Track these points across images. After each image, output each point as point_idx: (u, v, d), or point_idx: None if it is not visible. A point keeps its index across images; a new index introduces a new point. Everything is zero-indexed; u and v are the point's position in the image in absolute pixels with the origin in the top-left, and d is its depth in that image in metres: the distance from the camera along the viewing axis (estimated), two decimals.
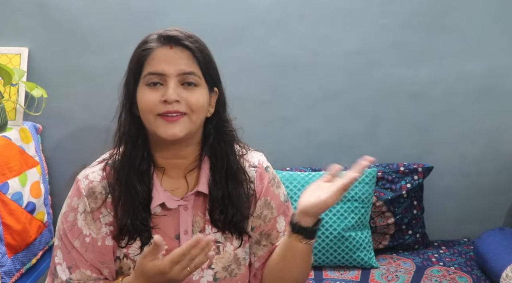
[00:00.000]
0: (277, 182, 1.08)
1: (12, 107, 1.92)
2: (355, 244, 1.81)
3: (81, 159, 2.07)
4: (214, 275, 0.98)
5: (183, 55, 0.92)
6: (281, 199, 1.07)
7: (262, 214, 1.04)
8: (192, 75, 0.92)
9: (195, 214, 0.99)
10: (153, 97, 0.91)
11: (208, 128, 0.99)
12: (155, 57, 0.91)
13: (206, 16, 1.95)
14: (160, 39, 0.92)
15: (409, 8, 1.96)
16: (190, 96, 0.91)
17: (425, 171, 2.00)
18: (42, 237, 1.92)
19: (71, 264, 0.95)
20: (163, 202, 0.96)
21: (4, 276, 1.66)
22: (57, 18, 1.96)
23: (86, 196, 0.95)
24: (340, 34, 1.99)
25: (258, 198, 1.03)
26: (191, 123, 0.92)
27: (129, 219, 0.93)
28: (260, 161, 1.06)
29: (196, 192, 0.98)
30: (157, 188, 0.96)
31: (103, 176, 0.97)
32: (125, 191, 0.94)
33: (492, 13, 1.97)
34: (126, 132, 0.97)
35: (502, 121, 2.07)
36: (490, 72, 2.01)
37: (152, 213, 0.96)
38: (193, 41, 0.93)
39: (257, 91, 2.04)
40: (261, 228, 1.04)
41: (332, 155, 2.09)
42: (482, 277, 1.75)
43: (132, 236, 0.94)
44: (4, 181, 1.68)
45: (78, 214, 0.95)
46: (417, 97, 2.04)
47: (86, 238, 0.95)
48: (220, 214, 0.98)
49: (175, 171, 0.99)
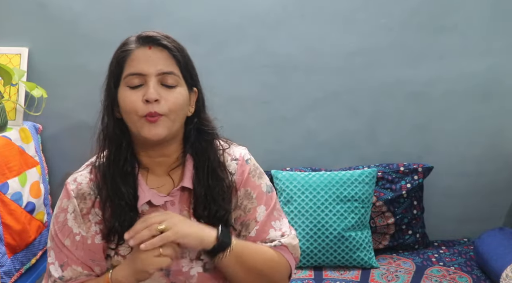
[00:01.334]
0: (258, 173, 1.08)
1: (12, 107, 1.92)
2: (355, 244, 1.81)
3: (81, 159, 2.08)
4: (204, 266, 0.99)
5: (161, 55, 0.93)
6: (263, 190, 1.06)
7: (242, 204, 1.05)
8: (171, 74, 0.93)
9: (182, 208, 1.01)
10: (135, 98, 0.92)
11: (189, 127, 1.01)
12: (134, 58, 0.93)
13: (206, 16, 1.95)
14: (139, 40, 0.95)
15: (409, 8, 1.96)
16: (169, 95, 0.93)
17: (425, 171, 2.00)
18: (42, 237, 1.92)
19: (63, 262, 0.97)
20: (149, 199, 0.98)
21: (3, 276, 1.66)
22: (57, 18, 1.96)
23: (75, 197, 0.98)
24: (340, 34, 1.99)
25: (238, 190, 1.04)
26: (171, 122, 0.94)
27: (117, 222, 0.95)
28: (241, 154, 1.07)
29: (181, 188, 1.00)
30: (142, 187, 0.98)
31: (90, 178, 0.99)
32: (111, 193, 0.96)
33: (492, 13, 1.97)
34: (109, 134, 0.98)
35: (502, 121, 2.07)
36: (490, 72, 2.01)
37: (139, 212, 0.98)
38: (170, 41, 0.95)
39: (257, 91, 2.04)
40: (241, 218, 1.04)
41: (332, 155, 2.09)
42: (482, 277, 1.75)
43: (121, 237, 0.95)
44: (4, 181, 1.68)
45: (68, 214, 0.97)
46: (417, 97, 2.04)
47: (76, 236, 0.97)
48: (204, 210, 1.00)
49: (160, 169, 1.01)
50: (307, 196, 1.85)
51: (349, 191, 1.86)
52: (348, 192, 1.86)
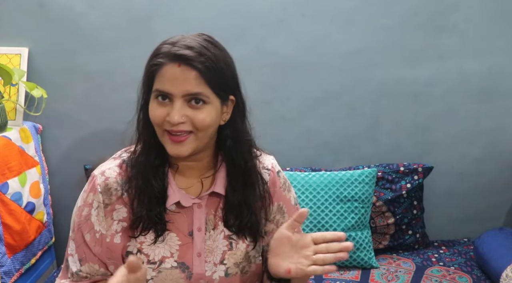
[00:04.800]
0: (287, 186, 1.10)
1: (12, 107, 1.92)
2: (355, 244, 1.81)
3: (81, 159, 2.09)
4: (226, 271, 1.00)
5: (190, 75, 0.88)
6: (292, 203, 1.09)
7: (275, 218, 1.07)
8: (198, 95, 0.90)
9: (208, 212, 1.01)
10: (159, 113, 0.91)
11: (224, 133, 0.99)
12: (163, 75, 0.90)
13: (206, 16, 1.95)
14: (170, 55, 0.90)
15: (409, 8, 1.96)
16: (196, 115, 0.90)
17: (425, 171, 2.00)
18: (42, 237, 1.92)
19: (82, 256, 0.98)
20: (179, 200, 0.98)
21: (3, 276, 1.66)
22: (57, 18, 1.96)
23: (101, 192, 0.96)
24: (340, 34, 1.99)
25: (272, 202, 1.05)
26: (198, 141, 0.93)
27: (145, 210, 0.95)
28: (273, 164, 1.09)
29: (210, 192, 1.00)
30: (172, 186, 0.98)
31: (119, 173, 0.98)
32: (141, 186, 0.96)
33: (492, 13, 1.96)
34: (142, 131, 0.98)
35: (502, 121, 2.07)
36: (490, 72, 2.01)
37: (167, 210, 0.98)
38: (203, 61, 0.89)
39: (257, 91, 2.04)
40: (273, 232, 1.04)
41: (332, 155, 2.09)
42: (482, 277, 1.75)
43: (147, 227, 0.95)
44: (4, 181, 1.68)
45: (92, 209, 0.97)
46: (417, 97, 2.04)
47: (96, 234, 0.97)
48: (236, 219, 1.00)
49: (189, 172, 1.01)
50: (307, 196, 1.86)
51: (349, 191, 1.86)
52: (348, 192, 1.86)
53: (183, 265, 0.98)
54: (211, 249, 1.00)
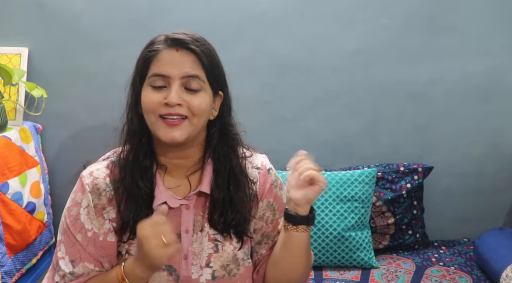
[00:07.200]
0: (279, 184, 1.09)
1: (12, 107, 1.93)
2: (355, 244, 1.81)
3: (81, 159, 2.09)
4: (213, 274, 0.99)
5: (188, 58, 0.92)
6: (284, 201, 1.07)
7: (264, 215, 1.05)
8: (196, 78, 0.92)
9: (196, 213, 1.00)
10: (155, 98, 0.92)
11: (211, 131, 1.00)
12: (160, 59, 0.92)
13: (206, 16, 1.95)
14: (167, 41, 0.93)
15: (409, 8, 1.96)
16: (192, 99, 0.92)
17: (425, 171, 2.00)
18: (42, 237, 1.93)
19: (75, 257, 0.96)
20: (165, 201, 0.97)
21: (4, 276, 1.66)
22: (57, 18, 1.96)
23: (90, 192, 0.96)
24: (340, 34, 1.99)
25: (260, 200, 1.04)
26: (192, 127, 0.93)
27: (132, 215, 0.95)
28: (263, 163, 1.07)
29: (198, 192, 0.99)
30: (159, 187, 0.97)
31: (107, 174, 0.98)
32: (128, 187, 0.95)
33: (492, 13, 1.97)
34: (131, 129, 0.98)
35: (502, 121, 2.07)
36: (490, 72, 2.01)
37: (154, 210, 0.97)
38: (199, 45, 0.93)
39: (257, 91, 2.04)
40: (263, 229, 1.05)
41: (332, 155, 2.09)
42: (482, 277, 1.75)
43: (134, 231, 0.94)
44: (4, 181, 1.69)
45: (81, 208, 0.96)
46: (417, 97, 2.04)
47: (88, 232, 0.96)
48: (220, 217, 0.99)
49: (177, 171, 1.00)
50: None
51: (349, 191, 1.86)
52: (348, 192, 1.86)
53: (170, 267, 0.97)
54: (197, 252, 0.99)
